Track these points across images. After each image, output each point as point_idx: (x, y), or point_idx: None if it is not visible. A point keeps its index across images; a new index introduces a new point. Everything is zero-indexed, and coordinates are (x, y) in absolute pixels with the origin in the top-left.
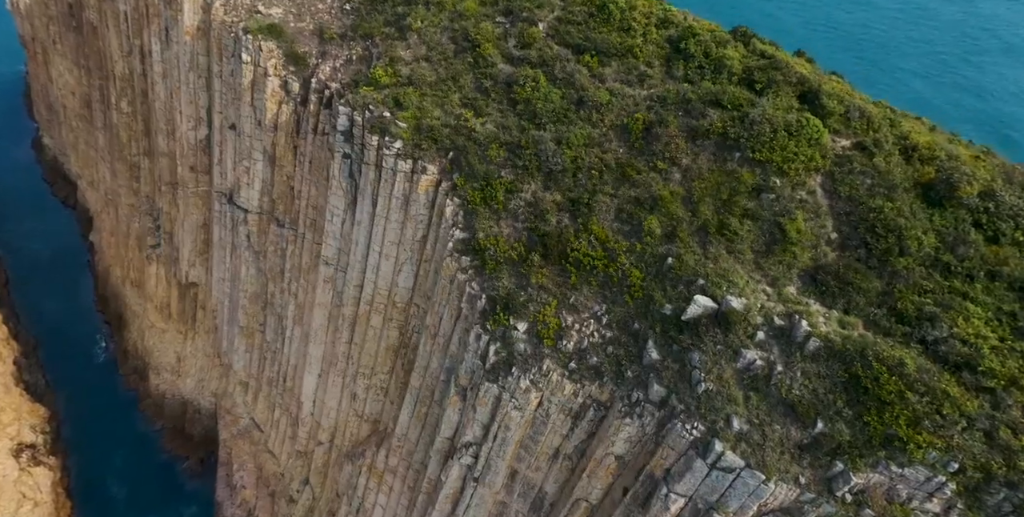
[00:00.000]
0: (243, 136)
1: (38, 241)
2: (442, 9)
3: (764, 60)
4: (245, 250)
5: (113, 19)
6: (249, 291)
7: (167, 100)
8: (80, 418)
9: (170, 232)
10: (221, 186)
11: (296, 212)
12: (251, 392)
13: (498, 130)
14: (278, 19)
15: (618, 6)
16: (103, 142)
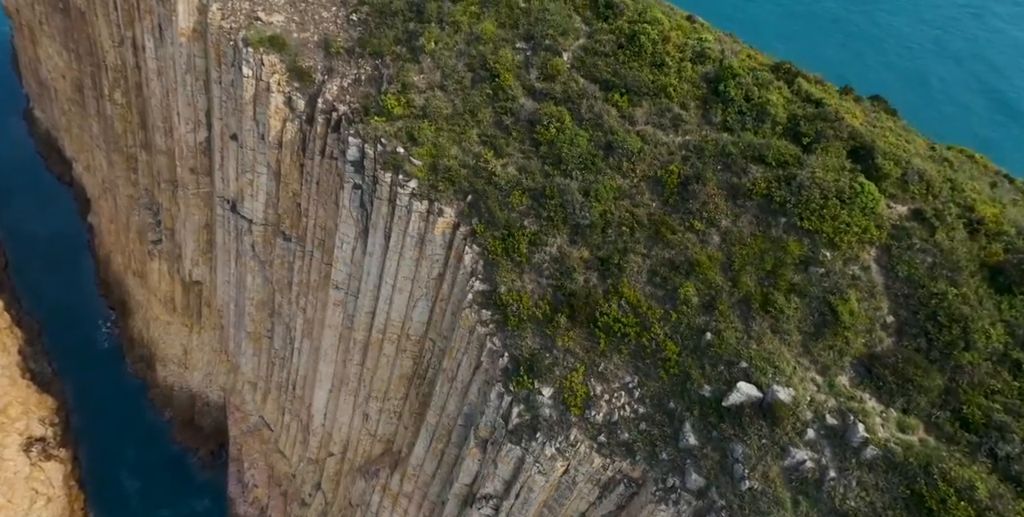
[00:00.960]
0: (245, 149)
1: (35, 220)
2: (457, 30)
3: (811, 106)
4: (250, 259)
5: (102, 7)
6: (255, 299)
7: (163, 98)
8: (88, 408)
9: (171, 229)
10: (223, 192)
11: (303, 229)
12: (260, 392)
13: (520, 174)
14: (280, 28)
15: (650, 38)
16: (97, 130)
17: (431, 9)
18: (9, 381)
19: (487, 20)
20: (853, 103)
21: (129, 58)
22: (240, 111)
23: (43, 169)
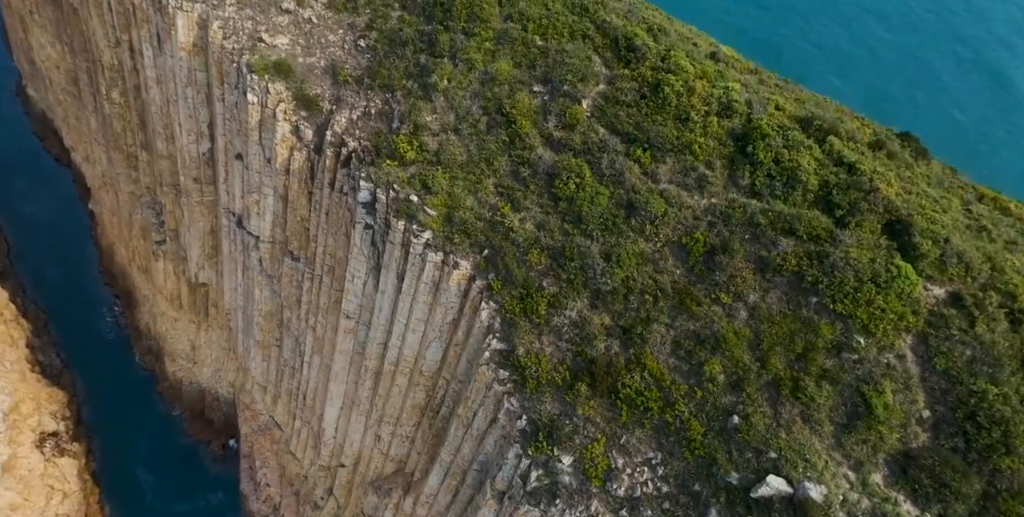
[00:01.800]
0: (251, 170)
1: (35, 203)
2: (471, 67)
3: (843, 171)
4: (258, 273)
5: (96, 8)
6: (264, 310)
7: (163, 106)
8: (99, 400)
9: (175, 230)
10: (228, 205)
11: (312, 253)
12: (270, 395)
13: (538, 231)
14: (284, 51)
15: (674, 89)
16: (95, 125)
17: (443, 42)
18: (19, 377)
19: (502, 59)
20: (886, 160)
21: (126, 60)
22: (245, 133)
23: (40, 150)
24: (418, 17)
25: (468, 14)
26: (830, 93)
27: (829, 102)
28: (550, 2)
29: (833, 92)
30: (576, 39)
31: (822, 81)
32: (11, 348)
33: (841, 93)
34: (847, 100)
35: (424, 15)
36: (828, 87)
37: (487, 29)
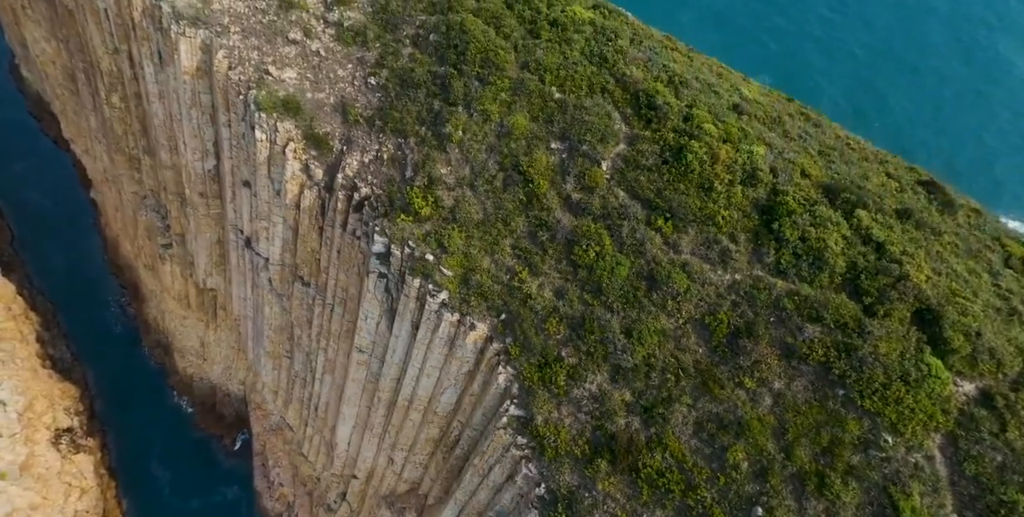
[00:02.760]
0: (259, 199)
1: (35, 188)
2: (487, 119)
3: (871, 251)
4: (268, 292)
5: (93, 15)
6: (274, 324)
7: (166, 119)
8: (111, 393)
9: (181, 235)
10: (236, 223)
11: (324, 283)
12: (281, 399)
13: (557, 300)
14: (292, 86)
15: (697, 157)
16: (95, 124)
17: (457, 88)
18: (31, 374)
19: (519, 112)
20: (914, 231)
21: (126, 69)
22: (252, 164)
23: (37, 132)
24: (430, 57)
25: (483, 59)
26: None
27: (854, 145)
28: (568, 50)
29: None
30: (595, 93)
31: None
32: (22, 344)
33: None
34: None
35: (436, 55)
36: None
37: (503, 78)
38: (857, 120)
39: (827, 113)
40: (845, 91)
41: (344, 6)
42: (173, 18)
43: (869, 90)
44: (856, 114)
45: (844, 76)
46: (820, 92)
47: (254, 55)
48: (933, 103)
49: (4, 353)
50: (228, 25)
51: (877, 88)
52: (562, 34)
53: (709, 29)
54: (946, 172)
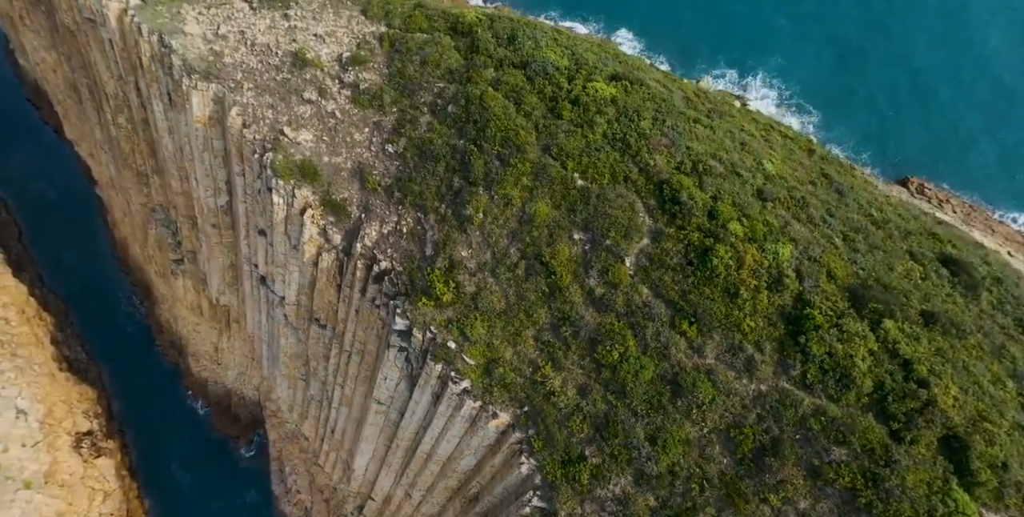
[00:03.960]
0: (275, 249)
1: (39, 179)
2: (508, 203)
3: (898, 369)
4: (283, 326)
5: (96, 42)
6: (289, 352)
7: (176, 153)
8: (127, 393)
9: (193, 252)
10: (250, 258)
11: (342, 331)
12: (296, 413)
13: (580, 398)
14: (309, 149)
15: (723, 261)
16: (100, 136)
17: (477, 167)
18: (49, 379)
19: (541, 199)
20: (940, 338)
21: (133, 96)
22: (269, 218)
23: (37, 120)
24: (449, 128)
25: (503, 138)
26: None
27: (876, 212)
28: (590, 133)
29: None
30: (619, 182)
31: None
32: (38, 349)
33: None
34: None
35: (455, 128)
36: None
37: (524, 161)
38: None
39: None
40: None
41: (360, 67)
42: (184, 71)
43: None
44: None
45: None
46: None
47: (268, 114)
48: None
49: (21, 359)
50: (241, 81)
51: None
52: (584, 115)
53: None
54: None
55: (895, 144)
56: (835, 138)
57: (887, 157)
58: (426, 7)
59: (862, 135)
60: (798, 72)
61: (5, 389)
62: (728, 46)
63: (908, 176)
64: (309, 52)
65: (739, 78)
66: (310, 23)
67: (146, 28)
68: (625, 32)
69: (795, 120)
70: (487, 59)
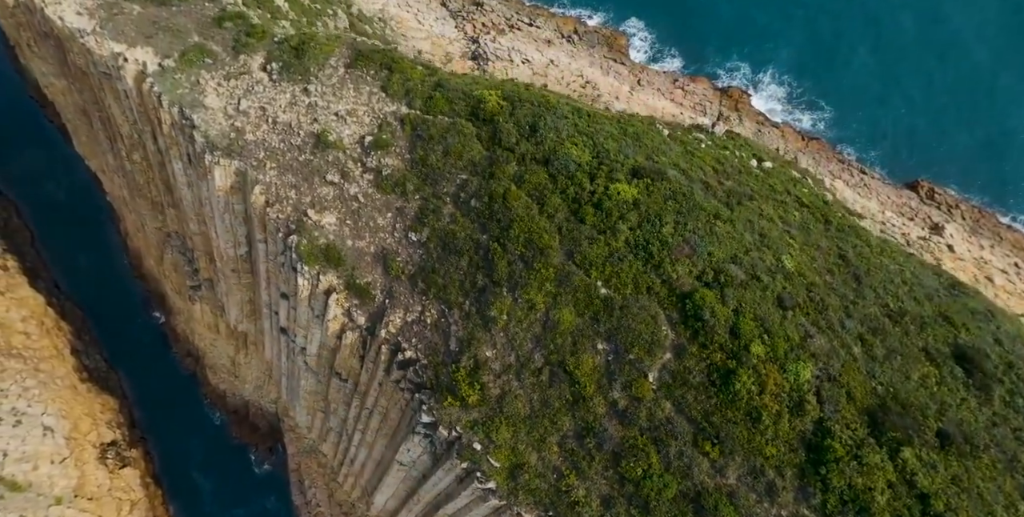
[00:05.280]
0: (298, 314)
1: (47, 179)
2: (532, 307)
3: (916, 504)
4: (304, 371)
5: (112, 91)
6: (308, 389)
7: (194, 203)
8: (147, 400)
9: (210, 280)
10: (271, 306)
11: (364, 391)
12: (316, 434)
13: (604, 509)
14: (332, 232)
15: (745, 386)
16: (113, 162)
17: (501, 267)
18: (71, 392)
19: (564, 306)
20: (955, 461)
21: (149, 144)
22: (293, 290)
23: (42, 118)
24: (472, 222)
25: (526, 240)
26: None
27: (895, 312)
28: (613, 240)
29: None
30: (641, 292)
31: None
32: (59, 362)
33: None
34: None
35: (478, 222)
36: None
37: (547, 266)
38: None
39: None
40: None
41: (382, 151)
42: (207, 147)
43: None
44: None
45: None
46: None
47: (292, 194)
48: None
49: (44, 374)
50: (264, 160)
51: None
52: (607, 220)
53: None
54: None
55: (907, 143)
56: (846, 137)
57: (899, 158)
58: (446, 88)
59: (873, 134)
60: (810, 66)
61: (31, 407)
62: (740, 37)
63: (918, 179)
64: (331, 134)
65: (751, 73)
66: (330, 100)
67: (167, 100)
68: (635, 21)
69: (806, 117)
70: (509, 154)
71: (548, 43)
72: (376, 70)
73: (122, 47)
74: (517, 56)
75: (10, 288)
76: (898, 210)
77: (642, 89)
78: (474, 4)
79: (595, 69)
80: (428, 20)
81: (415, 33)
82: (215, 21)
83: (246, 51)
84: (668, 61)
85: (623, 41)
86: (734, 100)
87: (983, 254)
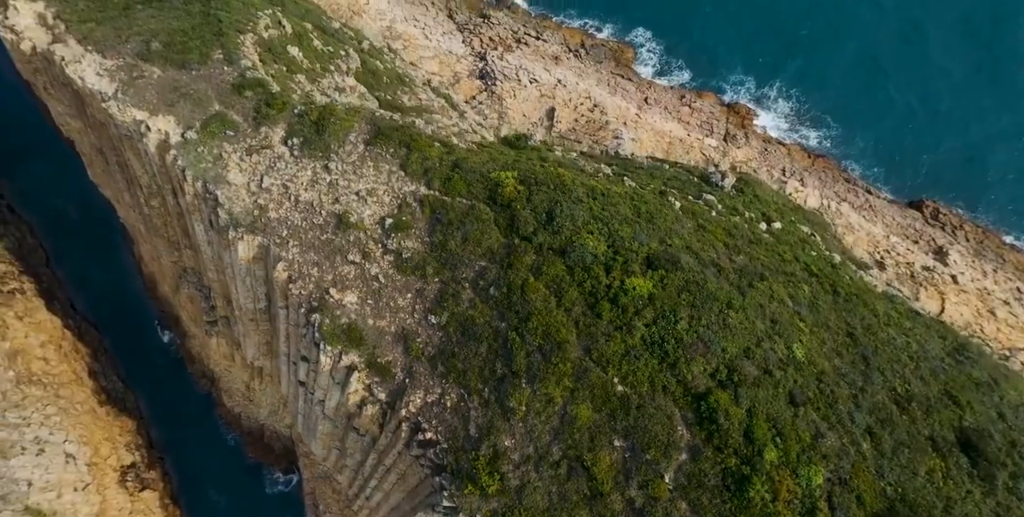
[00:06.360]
0: (318, 378)
1: (57, 195)
2: (550, 401)
3: None
4: (321, 419)
5: (132, 149)
6: (325, 431)
7: (214, 258)
8: (163, 419)
9: (227, 318)
10: (289, 354)
11: (382, 451)
12: (331, 463)
13: None
14: (354, 312)
15: (759, 494)
16: (129, 200)
17: (519, 359)
18: (91, 417)
19: (582, 402)
20: None
21: (169, 198)
22: (315, 360)
23: (47, 126)
24: (491, 309)
25: (544, 333)
26: None
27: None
28: (629, 337)
29: None
30: (657, 391)
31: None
32: (78, 386)
33: None
34: None
35: (497, 310)
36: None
37: (565, 360)
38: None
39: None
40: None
41: (402, 233)
42: (231, 223)
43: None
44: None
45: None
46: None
47: (314, 271)
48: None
49: (64, 400)
50: (287, 237)
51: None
52: (623, 316)
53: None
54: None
55: (912, 160)
56: (852, 153)
57: (904, 174)
58: (463, 168)
59: (879, 150)
60: (817, 81)
61: (53, 435)
62: (747, 51)
63: (923, 198)
64: (352, 215)
65: (756, 88)
66: (351, 178)
67: (191, 174)
68: (642, 30)
69: (813, 134)
70: (527, 244)
71: (555, 59)
72: (395, 148)
73: (144, 115)
74: (525, 75)
75: (28, 312)
76: (903, 232)
77: (649, 108)
78: (481, 16)
79: (602, 88)
80: (435, 35)
81: (423, 52)
82: (235, 88)
83: (267, 123)
84: (675, 74)
85: (630, 54)
86: (740, 116)
87: (986, 283)
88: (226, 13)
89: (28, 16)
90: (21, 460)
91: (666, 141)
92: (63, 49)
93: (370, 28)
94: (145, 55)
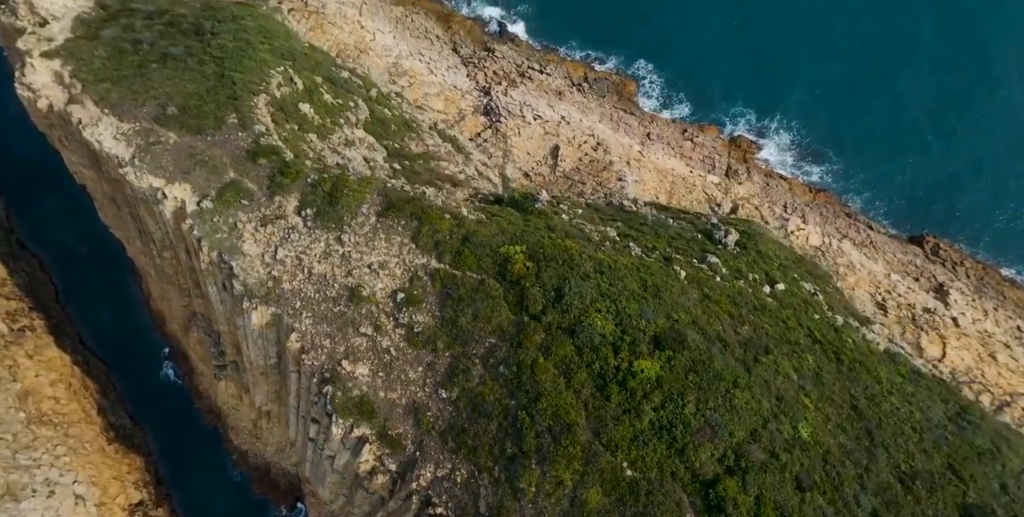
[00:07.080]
0: (329, 440)
1: (66, 228)
2: (559, 484)
3: None
4: (331, 473)
5: (147, 209)
6: (334, 481)
7: (227, 314)
8: (170, 455)
9: (236, 363)
10: (300, 410)
11: (391, 513)
12: (338, 506)
13: None
14: (365, 383)
15: None
16: (140, 247)
17: (529, 438)
18: (100, 456)
19: (592, 486)
20: None
21: (183, 256)
22: (327, 427)
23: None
24: (501, 387)
25: (554, 413)
26: None
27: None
28: (637, 422)
29: None
30: (666, 476)
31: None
32: (87, 425)
33: None
34: None
35: (506, 388)
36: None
37: (574, 443)
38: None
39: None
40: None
41: (414, 307)
42: (245, 295)
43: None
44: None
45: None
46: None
47: (326, 343)
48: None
49: (73, 440)
50: (300, 309)
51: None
52: (631, 400)
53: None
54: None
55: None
56: (853, 187)
57: (904, 209)
58: (473, 242)
59: (879, 184)
60: (817, 113)
61: (63, 476)
62: (746, 82)
63: (924, 233)
64: (365, 288)
65: (756, 121)
66: (363, 251)
67: (206, 244)
68: (644, 63)
69: (815, 169)
70: (536, 323)
71: (559, 94)
72: (407, 220)
73: (160, 183)
74: (529, 112)
75: (38, 350)
76: (904, 269)
77: (652, 144)
78: (485, 50)
79: (605, 124)
80: (440, 69)
81: (428, 89)
82: (249, 155)
83: (281, 192)
84: (677, 107)
85: (632, 87)
86: (742, 150)
87: (987, 325)
88: (239, 74)
89: (45, 74)
90: (32, 503)
91: (669, 181)
92: (80, 111)
93: (376, 65)
94: (161, 119)
